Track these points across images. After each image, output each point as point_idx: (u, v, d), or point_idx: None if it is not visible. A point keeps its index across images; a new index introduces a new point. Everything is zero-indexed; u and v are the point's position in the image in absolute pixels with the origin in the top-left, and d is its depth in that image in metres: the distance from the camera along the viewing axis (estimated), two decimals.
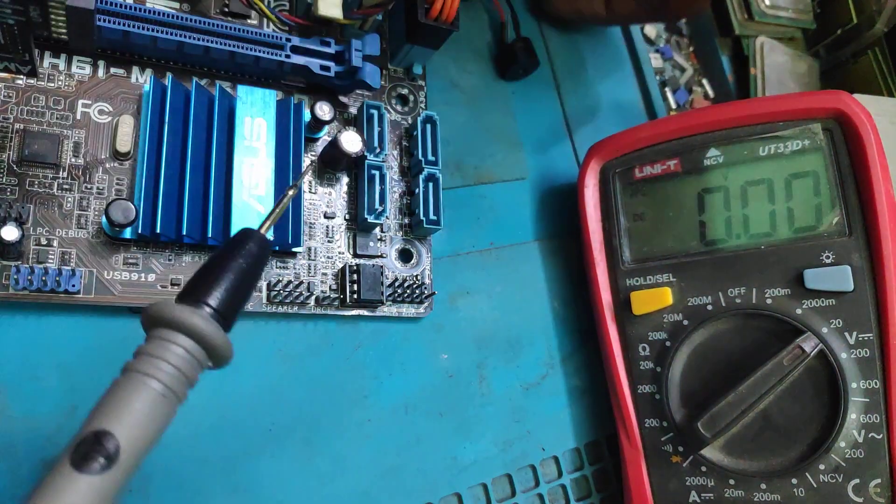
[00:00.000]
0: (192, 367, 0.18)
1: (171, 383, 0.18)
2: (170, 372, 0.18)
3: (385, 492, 0.30)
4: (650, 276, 0.33)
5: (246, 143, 0.29)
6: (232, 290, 0.19)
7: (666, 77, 0.46)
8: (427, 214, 0.31)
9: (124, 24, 0.27)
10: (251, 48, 0.29)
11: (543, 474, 0.34)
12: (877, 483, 0.28)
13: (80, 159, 0.27)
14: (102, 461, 0.16)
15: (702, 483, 0.31)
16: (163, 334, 0.18)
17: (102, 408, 0.17)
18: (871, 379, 0.28)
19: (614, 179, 0.35)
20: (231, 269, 0.19)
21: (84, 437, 0.16)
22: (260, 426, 0.29)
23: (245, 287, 0.20)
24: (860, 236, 0.29)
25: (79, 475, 0.16)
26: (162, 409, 0.17)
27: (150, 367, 0.17)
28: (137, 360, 0.18)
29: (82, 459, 0.16)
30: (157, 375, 0.17)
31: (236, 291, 0.19)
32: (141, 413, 0.17)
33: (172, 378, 0.18)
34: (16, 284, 0.25)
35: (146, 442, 0.17)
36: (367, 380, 0.31)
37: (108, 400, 0.17)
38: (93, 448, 0.16)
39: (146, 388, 0.17)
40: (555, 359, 0.36)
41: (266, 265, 0.21)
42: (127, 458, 0.16)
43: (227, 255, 0.20)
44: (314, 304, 0.30)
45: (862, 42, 0.46)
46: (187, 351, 0.18)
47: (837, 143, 0.30)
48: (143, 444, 0.17)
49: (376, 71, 0.31)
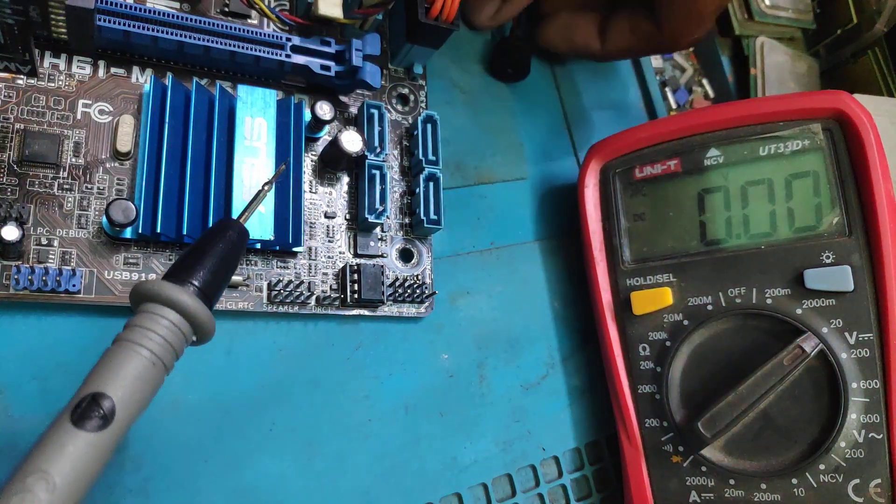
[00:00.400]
0: (178, 339, 0.19)
1: (159, 352, 0.19)
2: (158, 342, 0.19)
3: (385, 492, 0.30)
4: (650, 276, 0.33)
5: (246, 143, 0.29)
6: (214, 271, 0.21)
7: (666, 77, 0.46)
8: (427, 214, 0.31)
9: (124, 24, 0.27)
10: (251, 48, 0.29)
11: (544, 474, 0.34)
12: (877, 483, 0.28)
13: (80, 159, 0.27)
14: (100, 420, 0.17)
15: (702, 483, 0.31)
16: (151, 308, 0.19)
17: (97, 373, 0.18)
18: (871, 379, 0.28)
19: (614, 179, 0.35)
20: (213, 254, 0.21)
21: (82, 398, 0.17)
22: (260, 426, 0.29)
23: (225, 269, 0.21)
24: (860, 236, 0.29)
25: (78, 432, 0.17)
26: (151, 376, 0.19)
27: (141, 337, 0.19)
28: (128, 330, 0.19)
29: (81, 418, 0.17)
30: (147, 345, 0.19)
31: (217, 273, 0.21)
32: (133, 378, 0.18)
33: (161, 348, 0.19)
34: (16, 284, 0.25)
35: (138, 405, 0.18)
36: (367, 380, 0.31)
37: (102, 366, 0.18)
38: (91, 408, 0.17)
39: (137, 356, 0.18)
40: (555, 359, 0.36)
41: (244, 252, 0.23)
42: (121, 418, 0.18)
43: (210, 241, 0.21)
44: (315, 303, 0.30)
45: (862, 42, 0.46)
46: (174, 324, 0.19)
47: (837, 143, 0.30)
48: (135, 407, 0.18)
49: (377, 70, 0.31)
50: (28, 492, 0.16)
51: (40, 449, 0.17)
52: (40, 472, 0.16)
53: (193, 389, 0.28)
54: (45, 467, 0.16)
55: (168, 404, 0.28)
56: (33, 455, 0.17)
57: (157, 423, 0.27)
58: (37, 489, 0.16)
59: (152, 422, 0.27)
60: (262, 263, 0.29)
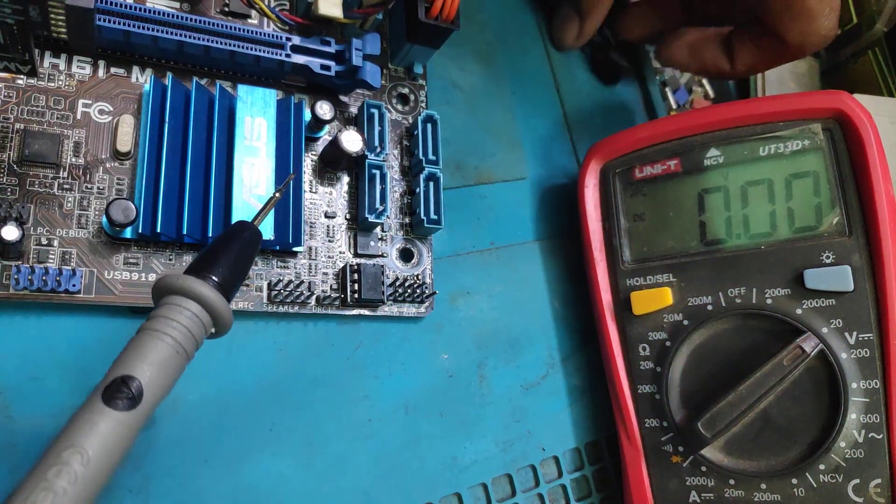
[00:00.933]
0: (199, 329, 0.21)
1: (182, 341, 0.20)
2: (182, 331, 0.20)
3: (385, 492, 0.30)
4: (650, 276, 0.33)
5: (246, 143, 0.29)
6: (231, 267, 0.22)
7: (666, 77, 0.45)
8: (428, 214, 0.31)
9: (124, 24, 0.27)
10: (251, 48, 0.29)
11: (543, 474, 0.34)
12: (877, 483, 0.28)
13: (80, 159, 0.27)
14: (129, 401, 0.18)
15: (702, 483, 0.31)
16: (174, 300, 0.21)
17: (125, 358, 0.19)
18: (871, 379, 0.28)
19: (614, 179, 0.35)
20: (230, 251, 0.22)
21: (113, 380, 0.19)
22: (260, 426, 0.29)
23: (241, 267, 0.23)
24: (860, 236, 0.29)
25: (110, 411, 0.18)
26: (175, 362, 0.20)
27: (165, 325, 0.20)
28: (153, 321, 0.20)
29: (112, 398, 0.18)
30: (172, 333, 0.20)
31: (234, 269, 0.22)
32: (159, 363, 0.19)
33: (184, 336, 0.20)
34: (16, 284, 0.25)
35: (162, 389, 0.20)
36: (367, 379, 0.31)
37: (129, 352, 0.20)
38: (120, 389, 0.19)
39: (162, 343, 0.20)
40: (555, 359, 0.36)
41: (257, 252, 0.25)
42: (148, 400, 0.19)
43: (227, 241, 0.23)
44: (315, 303, 0.30)
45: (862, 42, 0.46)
46: (195, 315, 0.21)
47: (837, 143, 0.30)
48: (160, 390, 0.19)
49: (377, 70, 0.31)
50: (65, 464, 0.17)
51: (74, 426, 0.18)
52: (75, 446, 0.17)
53: (193, 389, 0.28)
54: (80, 442, 0.17)
55: (168, 404, 0.27)
56: (68, 431, 0.18)
57: (158, 423, 0.27)
58: (73, 462, 0.17)
59: (152, 421, 0.27)
60: (262, 263, 0.29)
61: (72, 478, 0.17)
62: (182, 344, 0.20)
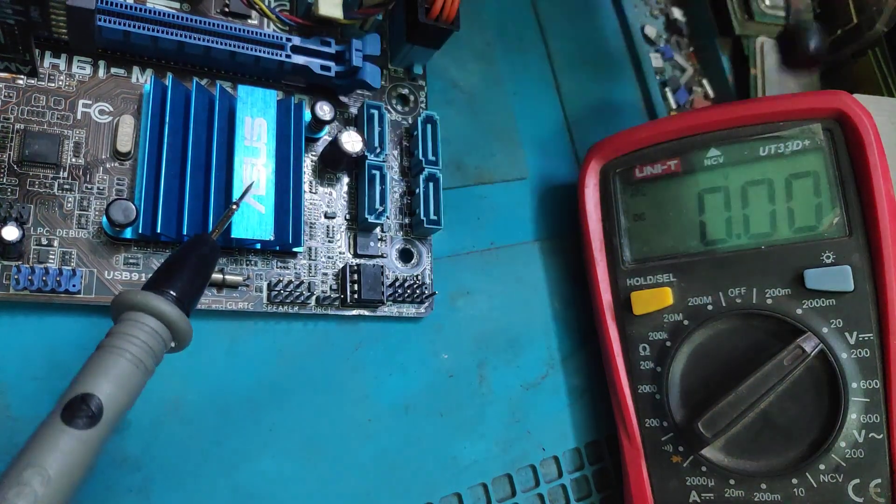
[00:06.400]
0: (158, 344, 0.21)
1: (142, 356, 0.20)
2: (140, 346, 0.20)
3: (385, 492, 0.30)
4: (650, 276, 0.33)
5: (246, 143, 0.29)
6: (189, 282, 0.22)
7: (666, 77, 0.46)
8: (427, 214, 0.31)
9: (125, 24, 0.27)
10: (251, 48, 0.29)
11: (543, 474, 0.34)
12: (877, 483, 0.28)
13: (80, 159, 0.27)
14: (88, 419, 0.18)
15: (702, 483, 0.31)
16: (133, 316, 0.20)
17: (84, 375, 0.19)
18: (872, 379, 0.28)
19: (614, 179, 0.35)
20: (188, 265, 0.23)
21: (72, 398, 0.19)
22: (260, 426, 0.29)
23: (200, 280, 0.23)
24: (860, 236, 0.29)
25: (69, 429, 0.18)
26: (134, 378, 0.20)
27: (124, 342, 0.20)
28: (112, 337, 0.20)
29: (72, 416, 0.18)
30: (131, 349, 0.20)
31: (192, 283, 0.22)
32: (117, 379, 0.19)
33: (143, 352, 0.20)
34: (16, 284, 0.25)
35: (123, 405, 0.19)
36: (367, 380, 0.31)
37: (88, 369, 0.19)
38: (80, 407, 0.18)
39: (122, 360, 0.20)
40: (555, 359, 0.36)
41: (216, 265, 0.25)
42: (108, 417, 0.19)
43: (184, 255, 0.23)
44: (315, 304, 0.30)
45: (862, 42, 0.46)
46: (154, 330, 0.21)
47: (837, 143, 0.30)
48: (120, 406, 0.19)
49: (376, 71, 0.31)
50: (25, 484, 0.17)
51: (34, 445, 0.18)
52: (35, 466, 0.17)
53: (193, 389, 0.28)
54: (39, 462, 0.17)
55: (168, 404, 0.28)
56: (28, 451, 0.18)
57: (157, 423, 0.27)
58: (33, 482, 0.17)
59: (152, 422, 0.27)
60: (262, 263, 0.29)
61: (32, 498, 0.17)
62: (141, 359, 0.20)
